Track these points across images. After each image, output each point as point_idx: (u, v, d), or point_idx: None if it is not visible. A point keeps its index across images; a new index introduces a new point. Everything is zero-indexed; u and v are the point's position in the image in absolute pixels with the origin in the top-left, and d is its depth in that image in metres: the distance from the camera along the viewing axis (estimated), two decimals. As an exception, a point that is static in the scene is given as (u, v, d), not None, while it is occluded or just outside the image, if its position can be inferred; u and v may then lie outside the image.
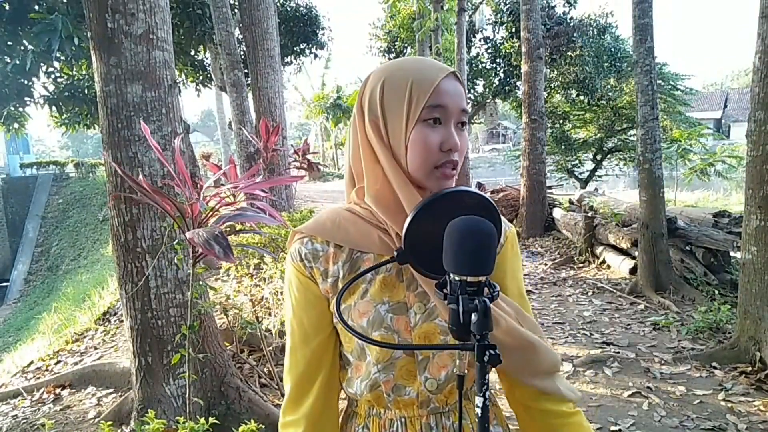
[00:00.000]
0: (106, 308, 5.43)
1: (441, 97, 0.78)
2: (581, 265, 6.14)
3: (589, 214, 6.55)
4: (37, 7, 6.23)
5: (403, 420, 0.87)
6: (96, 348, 4.25)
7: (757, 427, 2.57)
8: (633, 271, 5.18)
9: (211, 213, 1.81)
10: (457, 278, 0.68)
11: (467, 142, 0.83)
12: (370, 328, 0.83)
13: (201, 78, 11.20)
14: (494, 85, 15.05)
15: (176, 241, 2.14)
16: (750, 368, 3.11)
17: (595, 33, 12.88)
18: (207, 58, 11.15)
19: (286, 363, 0.90)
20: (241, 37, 8.61)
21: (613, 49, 12.60)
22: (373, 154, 0.82)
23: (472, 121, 17.92)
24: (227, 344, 3.23)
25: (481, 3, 14.11)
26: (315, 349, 0.86)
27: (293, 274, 0.88)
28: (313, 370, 0.87)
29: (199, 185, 1.84)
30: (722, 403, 2.82)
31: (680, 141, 10.34)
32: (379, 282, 0.84)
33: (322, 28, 12.57)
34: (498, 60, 14.72)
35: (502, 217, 0.88)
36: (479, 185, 9.51)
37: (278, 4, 11.09)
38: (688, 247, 4.92)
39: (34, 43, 6.06)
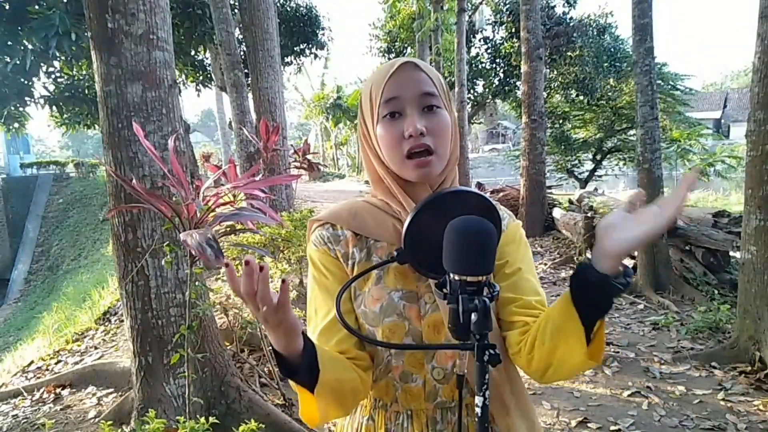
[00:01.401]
0: (106, 308, 5.44)
1: (392, 90, 0.81)
2: (581, 265, 6.14)
3: (589, 214, 6.55)
4: (36, 7, 6.23)
5: (409, 413, 0.88)
6: (96, 348, 4.26)
7: (756, 427, 2.58)
8: (632, 270, 5.18)
9: (208, 213, 1.81)
10: (456, 278, 0.69)
11: (443, 123, 0.82)
12: (383, 315, 0.84)
13: (201, 78, 11.18)
14: (494, 85, 15.04)
15: (166, 243, 2.14)
16: (749, 368, 3.11)
17: (595, 33, 12.87)
18: (207, 58, 11.14)
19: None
20: (241, 37, 8.60)
21: (612, 49, 12.59)
22: (369, 156, 0.88)
23: (472, 121, 17.90)
24: (227, 344, 3.23)
25: (481, 3, 14.10)
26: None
27: (322, 258, 0.90)
28: (346, 346, 0.86)
29: (195, 185, 1.84)
30: (722, 402, 2.82)
31: (680, 141, 10.35)
32: (393, 270, 0.86)
33: (322, 29, 12.56)
34: (498, 60, 14.71)
35: (509, 211, 0.92)
36: (479, 185, 9.50)
37: (278, 4, 11.07)
38: (687, 247, 4.92)
39: (32, 40, 6.05)
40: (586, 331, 0.71)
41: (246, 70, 7.71)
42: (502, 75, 14.84)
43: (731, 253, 4.72)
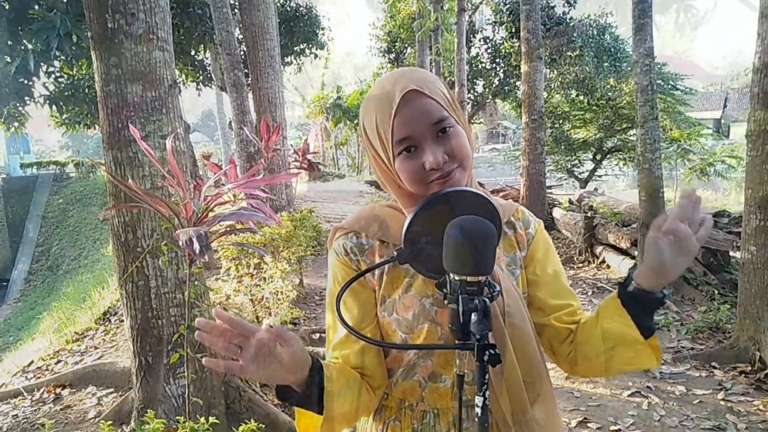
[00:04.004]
0: (106, 308, 5.43)
1: (403, 129, 0.78)
2: (581, 264, 6.14)
3: (589, 214, 6.55)
4: (37, 7, 6.23)
5: (435, 412, 0.88)
6: (96, 348, 4.26)
7: (756, 427, 2.58)
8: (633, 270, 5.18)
9: (207, 212, 1.81)
10: (457, 278, 0.69)
11: (460, 140, 0.81)
12: (416, 321, 0.85)
13: (201, 78, 11.17)
14: (494, 85, 15.02)
15: (164, 242, 2.14)
16: (749, 368, 3.11)
17: (595, 33, 12.86)
18: (207, 58, 11.13)
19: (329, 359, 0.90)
20: (241, 37, 8.61)
21: (613, 49, 12.58)
22: (383, 180, 0.88)
23: (472, 121, 17.90)
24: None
25: (481, 3, 14.10)
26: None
27: (340, 269, 0.89)
28: (361, 361, 0.87)
29: (195, 185, 1.84)
30: (722, 402, 2.82)
31: (680, 141, 10.33)
32: (422, 277, 0.86)
33: (322, 28, 12.55)
34: (498, 60, 14.69)
35: (532, 213, 0.94)
36: (479, 185, 9.50)
37: (278, 4, 11.07)
38: (687, 247, 4.92)
39: (34, 41, 6.06)
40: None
41: (246, 70, 7.71)
42: (502, 75, 14.82)
43: (731, 253, 4.72)
